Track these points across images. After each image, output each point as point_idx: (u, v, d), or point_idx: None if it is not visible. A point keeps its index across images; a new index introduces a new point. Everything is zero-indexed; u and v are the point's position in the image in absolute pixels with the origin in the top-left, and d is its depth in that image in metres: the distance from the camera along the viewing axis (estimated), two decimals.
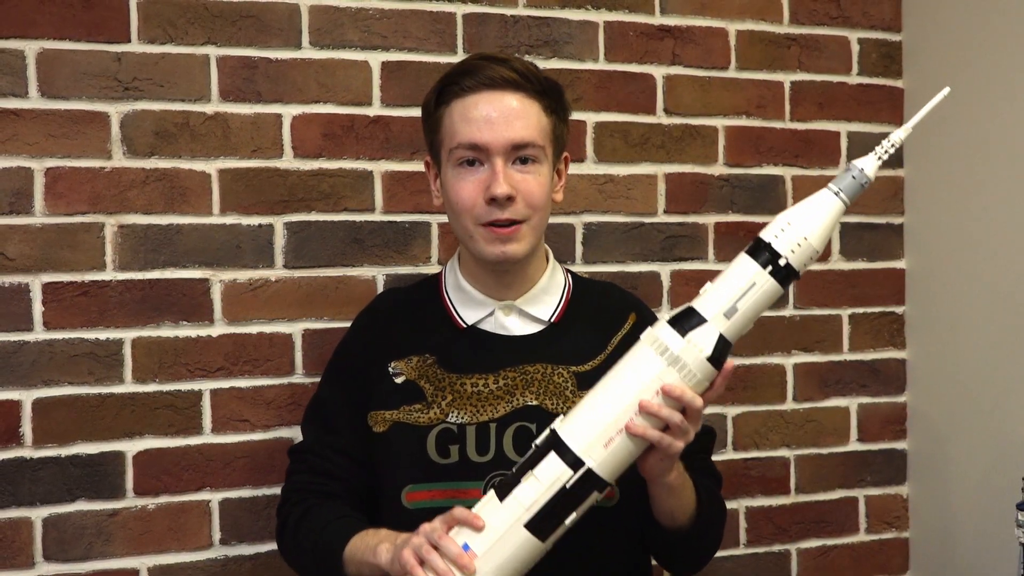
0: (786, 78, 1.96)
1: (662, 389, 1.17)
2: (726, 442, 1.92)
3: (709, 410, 1.90)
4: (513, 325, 1.42)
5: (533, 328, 1.43)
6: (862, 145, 2.01)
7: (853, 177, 1.20)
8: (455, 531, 1.19)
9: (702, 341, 1.17)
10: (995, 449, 1.83)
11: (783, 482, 1.96)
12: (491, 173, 1.33)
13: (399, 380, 1.41)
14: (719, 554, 1.90)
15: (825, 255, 1.99)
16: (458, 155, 1.35)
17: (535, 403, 1.38)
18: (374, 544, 1.26)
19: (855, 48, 2.00)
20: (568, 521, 1.19)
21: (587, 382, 1.38)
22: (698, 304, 1.19)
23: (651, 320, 1.49)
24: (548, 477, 1.17)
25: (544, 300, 1.44)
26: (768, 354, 1.95)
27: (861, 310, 2.02)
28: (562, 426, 1.20)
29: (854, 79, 2.00)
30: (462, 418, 1.38)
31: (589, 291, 1.50)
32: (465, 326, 1.42)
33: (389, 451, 1.40)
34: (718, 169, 1.92)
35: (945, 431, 1.96)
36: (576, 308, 1.45)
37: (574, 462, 1.17)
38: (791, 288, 1.97)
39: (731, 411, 1.93)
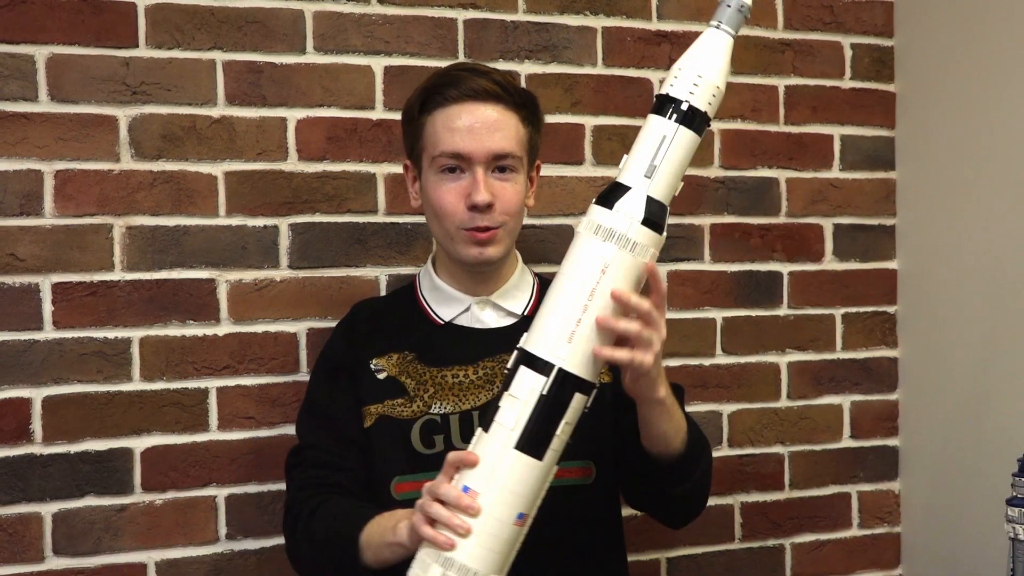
0: (780, 82, 1.99)
1: (612, 294, 1.12)
2: (721, 439, 1.95)
3: (706, 407, 1.94)
4: (488, 319, 1.48)
5: (507, 321, 1.48)
6: (855, 147, 2.04)
7: (729, 6, 1.18)
8: (456, 477, 1.15)
9: (630, 207, 1.14)
10: (985, 446, 1.86)
11: (777, 478, 1.99)
12: (472, 181, 1.39)
13: (381, 376, 1.45)
14: (714, 549, 1.95)
15: (818, 256, 2.02)
16: (441, 163, 1.41)
17: None
18: (392, 525, 1.25)
19: (848, 53, 2.03)
20: (559, 431, 1.13)
21: None
22: (620, 177, 1.17)
23: None
24: (523, 391, 1.13)
25: (516, 296, 1.49)
26: (763, 353, 1.98)
27: (854, 310, 2.05)
28: (526, 340, 1.16)
29: (847, 83, 2.03)
30: (445, 408, 1.42)
31: None
32: (442, 322, 1.48)
33: (376, 444, 1.43)
34: (714, 171, 1.95)
35: (936, 428, 1.99)
36: None
37: (543, 367, 1.12)
38: (785, 288, 2.00)
39: (726, 408, 1.96)
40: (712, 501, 1.92)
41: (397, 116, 1.74)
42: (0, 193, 1.56)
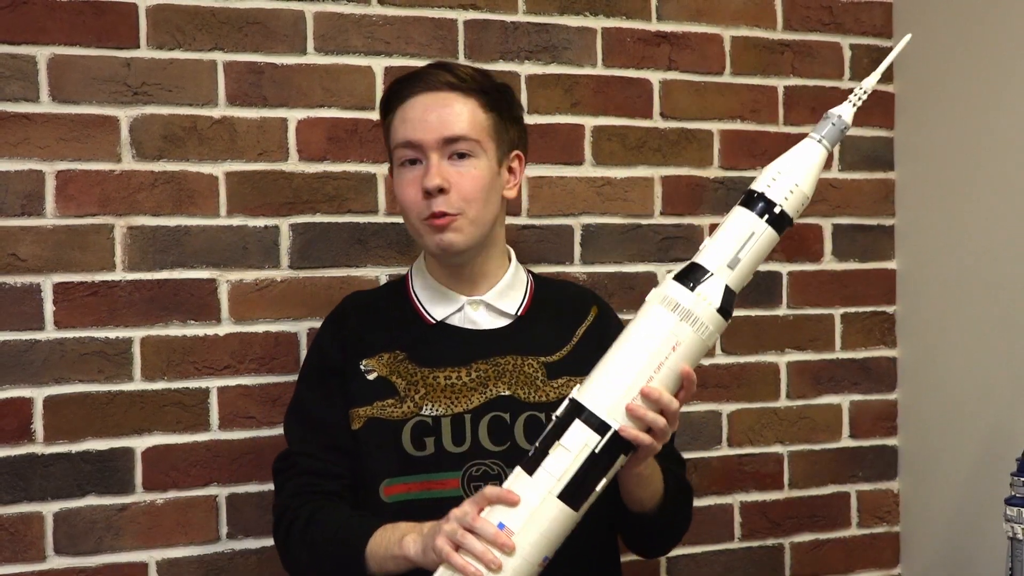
0: (780, 83, 2.00)
1: (642, 392, 1.18)
2: (721, 438, 1.96)
3: (705, 407, 1.95)
4: (481, 319, 1.46)
5: (501, 322, 1.47)
6: (854, 148, 2.05)
7: (833, 124, 1.23)
8: (486, 511, 1.18)
9: (710, 293, 1.19)
10: (983, 445, 1.87)
11: (777, 477, 2.00)
12: (425, 167, 1.39)
13: (371, 377, 1.43)
14: (714, 548, 1.96)
15: (818, 256, 2.03)
16: (399, 155, 1.42)
17: (508, 393, 1.42)
18: (398, 537, 1.27)
19: (847, 54, 2.04)
20: (599, 487, 1.19)
21: (555, 371, 1.44)
22: (701, 259, 1.22)
23: (611, 313, 1.55)
24: (576, 444, 1.17)
25: (510, 295, 1.48)
26: (762, 352, 1.99)
27: (853, 309, 2.06)
28: (582, 394, 1.20)
29: (846, 84, 2.04)
30: (437, 410, 1.41)
31: (549, 287, 1.55)
32: (434, 322, 1.46)
33: (365, 447, 1.42)
34: (713, 172, 1.95)
35: (935, 428, 2.00)
36: (540, 302, 1.50)
37: (599, 426, 1.17)
38: (784, 288, 2.01)
39: (726, 408, 1.96)
40: (711, 500, 1.94)
41: None
42: (2, 193, 1.57)
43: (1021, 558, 1.55)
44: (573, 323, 1.49)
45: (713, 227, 1.93)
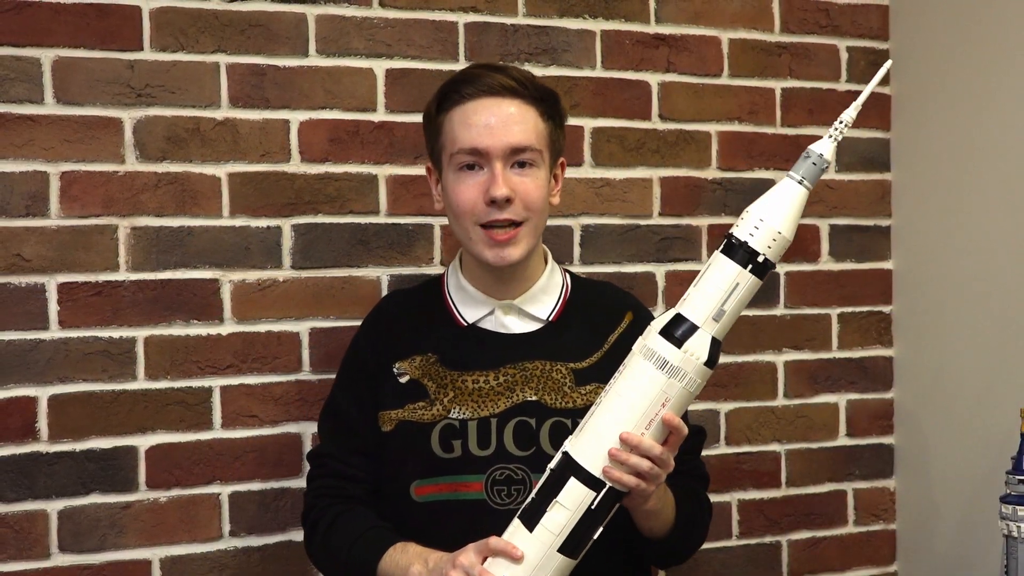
0: (777, 85, 2.01)
1: (621, 438, 1.20)
2: (719, 437, 1.97)
3: (703, 406, 1.97)
4: (513, 324, 1.47)
5: (532, 326, 1.47)
6: (851, 149, 2.06)
7: (813, 163, 1.20)
8: (489, 561, 1.22)
9: (697, 348, 1.20)
10: (979, 444, 1.88)
11: (774, 476, 2.01)
12: (491, 176, 1.38)
13: (403, 380, 1.45)
14: (712, 546, 1.97)
15: (815, 256, 2.05)
16: (459, 159, 1.40)
17: (534, 398, 1.43)
18: (405, 564, 1.32)
19: (844, 56, 2.05)
20: (596, 535, 1.24)
21: (584, 378, 1.44)
22: (685, 310, 1.21)
23: (647, 318, 1.52)
24: (573, 502, 1.21)
25: (542, 299, 1.48)
26: (759, 352, 2.00)
27: (850, 309, 2.07)
28: (575, 449, 1.23)
29: (843, 86, 2.05)
30: (464, 414, 1.42)
31: (586, 290, 1.54)
32: (466, 324, 1.47)
33: (396, 449, 1.45)
34: (711, 173, 1.97)
35: (931, 426, 2.01)
36: (574, 307, 1.50)
37: (595, 483, 1.21)
38: (782, 288, 2.02)
39: (724, 407, 1.98)
40: (709, 499, 1.95)
41: (398, 118, 1.77)
42: (6, 194, 1.58)
43: (1016, 555, 1.56)
44: (606, 329, 1.49)
45: (711, 228, 1.96)
